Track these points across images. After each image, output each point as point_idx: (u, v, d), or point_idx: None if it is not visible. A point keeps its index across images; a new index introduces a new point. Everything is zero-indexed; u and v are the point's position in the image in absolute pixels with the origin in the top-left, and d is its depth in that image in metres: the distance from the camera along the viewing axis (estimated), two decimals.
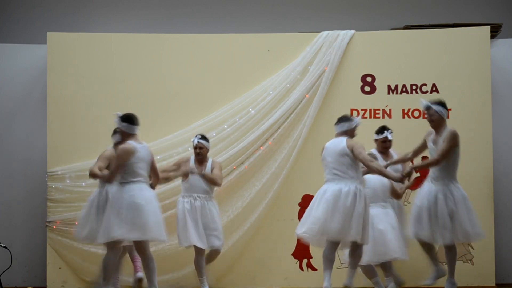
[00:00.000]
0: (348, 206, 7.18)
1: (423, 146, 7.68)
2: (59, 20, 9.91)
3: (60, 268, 8.89)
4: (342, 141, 7.42)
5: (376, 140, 8.20)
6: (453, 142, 7.37)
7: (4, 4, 10.03)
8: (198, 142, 8.31)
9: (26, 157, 9.39)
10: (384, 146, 8.15)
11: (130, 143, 7.21)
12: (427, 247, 7.60)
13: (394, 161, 7.92)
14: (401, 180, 7.54)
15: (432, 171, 7.49)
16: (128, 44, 9.25)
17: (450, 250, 7.47)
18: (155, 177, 7.53)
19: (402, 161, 7.97)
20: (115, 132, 7.93)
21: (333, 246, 7.37)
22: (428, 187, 7.49)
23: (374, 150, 8.10)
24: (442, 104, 7.50)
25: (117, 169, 7.17)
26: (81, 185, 8.83)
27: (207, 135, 8.88)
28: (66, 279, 8.89)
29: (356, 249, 7.41)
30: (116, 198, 7.15)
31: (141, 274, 7.93)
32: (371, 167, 7.32)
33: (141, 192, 7.17)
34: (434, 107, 7.45)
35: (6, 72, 9.49)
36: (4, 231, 9.15)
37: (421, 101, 7.60)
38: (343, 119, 7.55)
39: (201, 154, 8.32)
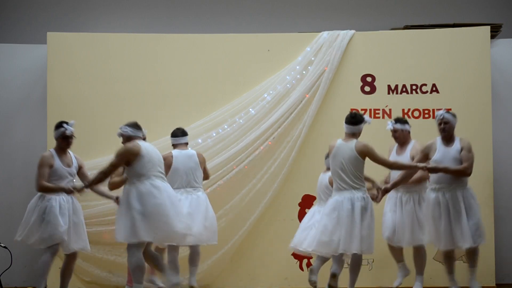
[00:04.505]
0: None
1: (424, 159, 7.69)
2: (59, 20, 9.91)
3: (60, 268, 8.86)
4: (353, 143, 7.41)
5: None
6: (472, 152, 7.63)
7: (4, 4, 10.03)
8: None
9: (26, 157, 9.39)
10: None
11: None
12: (448, 256, 7.69)
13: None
14: (428, 169, 7.55)
15: (443, 180, 7.54)
16: (128, 44, 9.25)
17: (475, 251, 7.55)
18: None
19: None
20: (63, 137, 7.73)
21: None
22: (435, 195, 7.57)
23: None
24: (452, 114, 7.72)
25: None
26: None
27: (207, 135, 8.89)
28: None
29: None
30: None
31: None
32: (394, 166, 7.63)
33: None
34: (447, 115, 7.66)
35: (6, 72, 9.50)
36: (4, 231, 9.14)
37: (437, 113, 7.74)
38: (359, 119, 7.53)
39: None
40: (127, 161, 7.15)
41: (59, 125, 7.74)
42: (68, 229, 7.57)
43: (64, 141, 7.71)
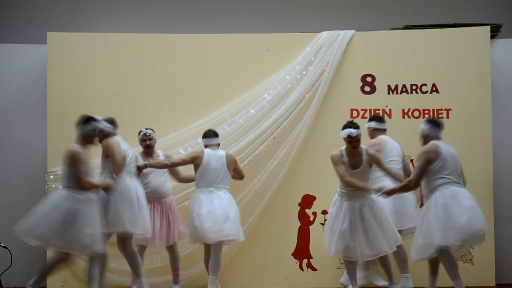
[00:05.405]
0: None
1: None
2: (59, 20, 9.91)
3: (60, 268, 8.87)
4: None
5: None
6: (422, 160, 7.25)
7: (4, 4, 10.03)
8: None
9: (26, 157, 9.39)
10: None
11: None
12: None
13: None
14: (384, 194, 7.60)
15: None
16: (128, 44, 9.25)
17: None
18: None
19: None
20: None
21: None
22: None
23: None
24: (426, 121, 7.53)
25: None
26: None
27: None
28: (66, 279, 8.89)
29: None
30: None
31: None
32: None
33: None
34: (421, 125, 7.53)
35: (6, 72, 9.50)
36: (4, 231, 9.14)
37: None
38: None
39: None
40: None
41: (92, 119, 7.48)
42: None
43: (93, 137, 7.49)
